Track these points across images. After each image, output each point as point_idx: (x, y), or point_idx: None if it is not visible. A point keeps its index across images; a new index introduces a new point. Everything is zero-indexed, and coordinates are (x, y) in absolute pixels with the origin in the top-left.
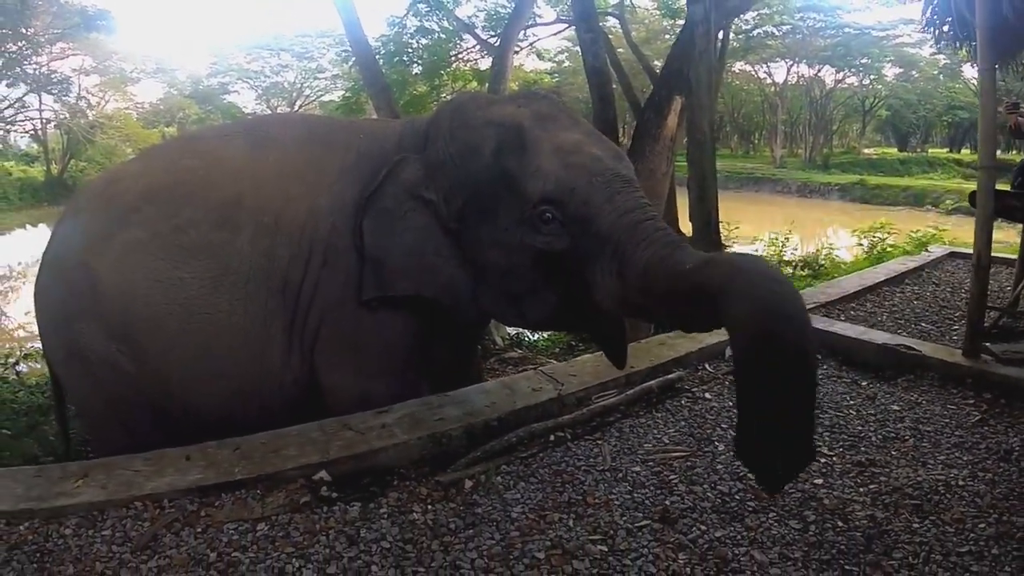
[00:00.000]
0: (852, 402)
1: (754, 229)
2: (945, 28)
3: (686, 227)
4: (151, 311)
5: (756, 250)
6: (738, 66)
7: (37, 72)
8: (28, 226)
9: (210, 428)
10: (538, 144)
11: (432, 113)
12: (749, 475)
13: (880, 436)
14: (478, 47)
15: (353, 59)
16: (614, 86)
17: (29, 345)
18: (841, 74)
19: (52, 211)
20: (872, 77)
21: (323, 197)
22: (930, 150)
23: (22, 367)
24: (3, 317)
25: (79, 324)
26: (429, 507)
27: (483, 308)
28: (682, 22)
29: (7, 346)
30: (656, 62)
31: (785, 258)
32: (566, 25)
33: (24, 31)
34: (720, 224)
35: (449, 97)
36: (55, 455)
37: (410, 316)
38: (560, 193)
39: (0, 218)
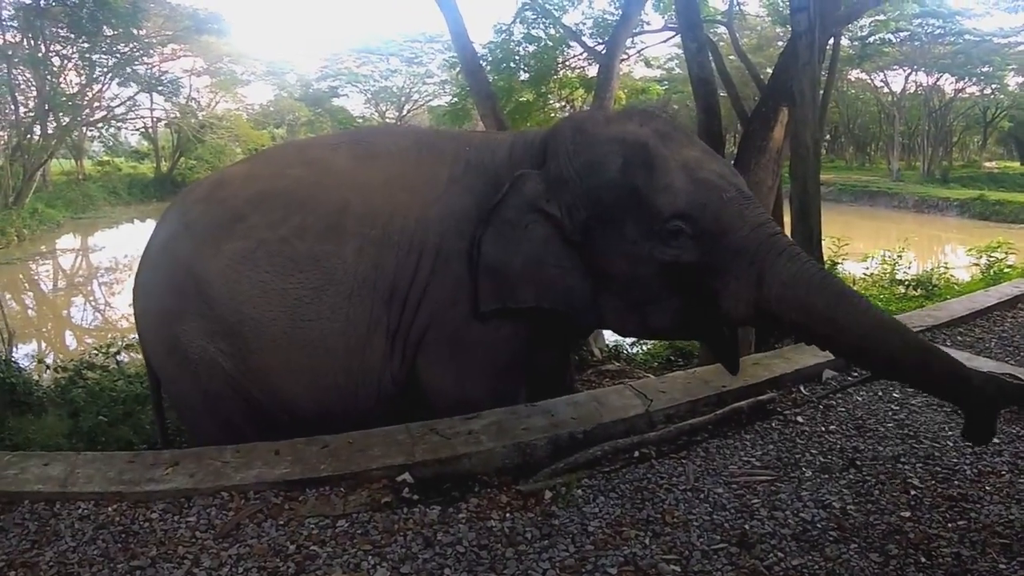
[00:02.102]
0: (950, 432)
1: (868, 246)
2: None
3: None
4: (256, 316)
5: (867, 268)
6: (853, 74)
7: (148, 72)
8: (136, 220)
9: (305, 425)
10: (665, 161)
11: (548, 129)
12: (834, 503)
13: (975, 470)
14: (585, 55)
15: (460, 65)
16: (722, 95)
17: (131, 336)
18: (961, 83)
19: (160, 207)
20: (994, 86)
21: (433, 208)
22: None
23: (123, 357)
24: (108, 307)
25: (182, 324)
26: (507, 515)
27: (602, 317)
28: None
29: (109, 336)
30: (768, 69)
31: (897, 277)
32: (674, 33)
33: (136, 32)
34: (823, 240)
35: (556, 104)
36: (149, 443)
37: (516, 324)
38: (691, 208)
39: (109, 212)
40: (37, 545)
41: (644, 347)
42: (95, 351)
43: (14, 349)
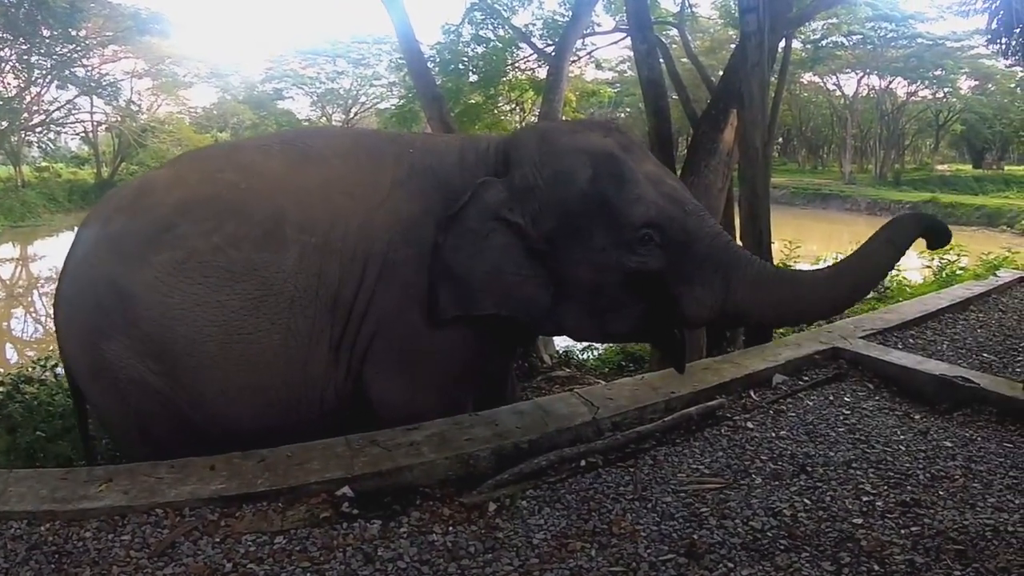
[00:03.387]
0: (902, 436)
1: (820, 248)
2: (1013, 41)
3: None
4: (189, 333)
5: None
6: (806, 77)
7: (88, 75)
8: (77, 228)
9: (242, 441)
10: (633, 173)
11: (508, 137)
12: (784, 511)
13: (928, 474)
14: (535, 56)
15: (407, 67)
16: (673, 97)
17: None
18: (913, 87)
19: None
20: (946, 90)
21: (377, 213)
22: (1007, 167)
23: (60, 370)
24: (49, 318)
25: (107, 343)
26: (450, 528)
27: (560, 324)
28: None
29: (50, 348)
30: (720, 72)
31: None
32: (625, 34)
33: (74, 33)
34: (774, 243)
35: (506, 107)
36: (89, 458)
37: (465, 331)
38: (661, 219)
39: (48, 220)
40: None
41: (595, 353)
42: (33, 364)
43: None
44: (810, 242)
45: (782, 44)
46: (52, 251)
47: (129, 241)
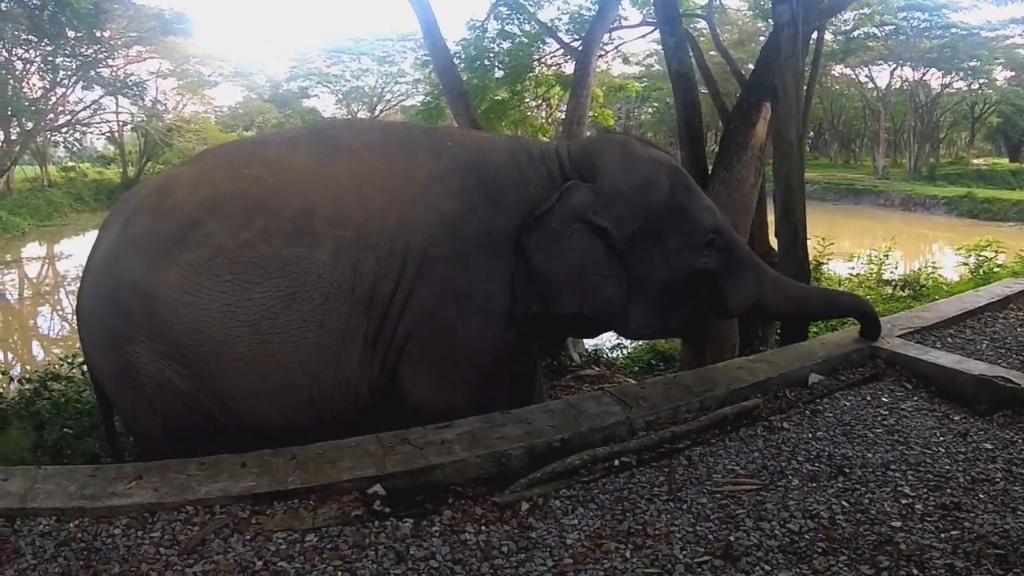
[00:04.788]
0: (942, 438)
1: (853, 245)
2: None
3: (775, 241)
4: (217, 334)
5: (853, 268)
6: (837, 69)
7: (113, 75)
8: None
9: (273, 441)
10: (696, 186)
11: (585, 144)
12: (822, 513)
13: (968, 477)
14: (561, 51)
15: (432, 64)
16: (703, 91)
17: None
18: (948, 78)
19: None
20: (981, 81)
21: (416, 208)
22: None
23: (87, 367)
24: (72, 317)
25: (132, 346)
26: (483, 528)
27: (627, 321)
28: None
29: (77, 345)
30: (749, 65)
31: (884, 277)
32: (652, 28)
33: (99, 34)
34: (808, 240)
35: (532, 103)
36: (120, 454)
37: (501, 330)
38: (720, 226)
39: (76, 219)
40: None
41: (624, 351)
42: (60, 361)
43: None
44: (843, 239)
45: (814, 35)
46: (78, 250)
47: (153, 241)
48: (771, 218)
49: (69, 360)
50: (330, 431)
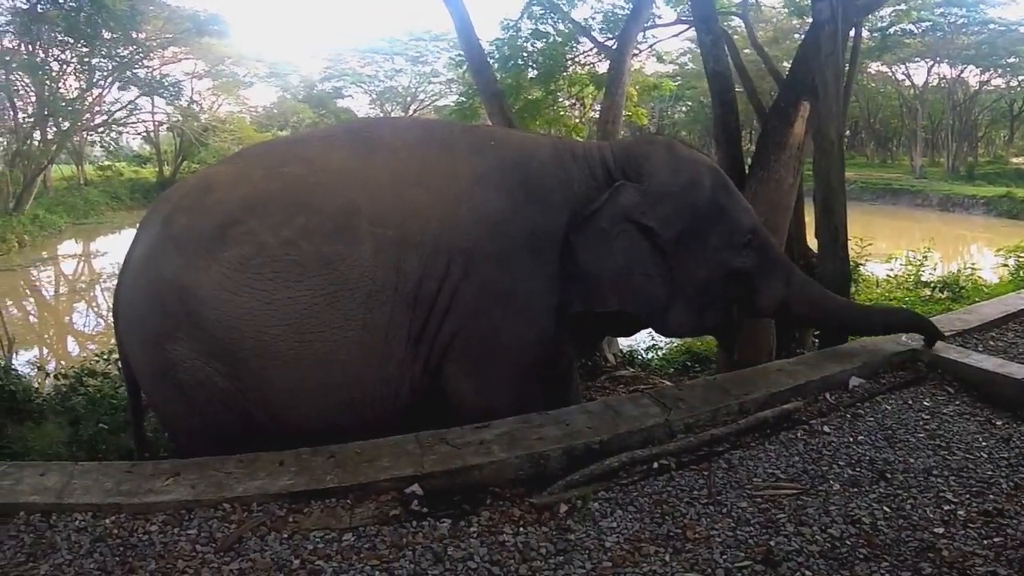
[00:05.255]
0: (984, 443)
1: (891, 246)
2: None
3: (814, 242)
4: (257, 332)
5: (891, 269)
6: (874, 67)
7: (149, 76)
8: (139, 225)
9: (313, 440)
10: (734, 187)
11: (630, 146)
12: (863, 519)
13: (1011, 483)
14: (595, 50)
15: (467, 64)
16: (738, 90)
17: None
18: (986, 75)
19: None
20: (1021, 78)
21: (460, 207)
22: None
23: (123, 364)
24: (110, 314)
25: (171, 343)
26: (520, 529)
27: (667, 319)
28: (811, 20)
29: (111, 341)
30: (785, 63)
31: (923, 279)
32: (687, 26)
33: (135, 35)
34: (849, 240)
35: (566, 102)
36: (151, 451)
37: (544, 330)
38: (757, 227)
39: (111, 217)
40: (32, 558)
41: (658, 353)
42: (96, 358)
43: (14, 356)
44: (880, 240)
45: (851, 32)
46: (113, 247)
47: (193, 240)
48: (808, 218)
49: (105, 356)
50: (371, 431)
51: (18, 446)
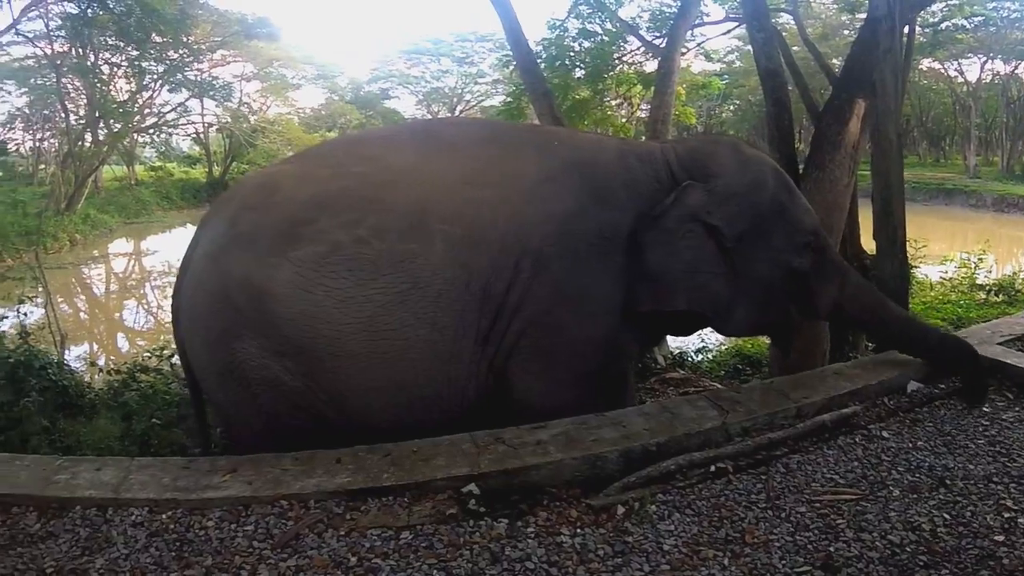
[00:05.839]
0: None
1: (944, 248)
2: None
3: (868, 243)
4: (331, 330)
5: (945, 271)
6: (925, 63)
7: (198, 78)
8: (188, 224)
9: (382, 439)
10: (795, 186)
11: (695, 146)
12: (923, 525)
13: None
14: (642, 49)
15: (514, 64)
16: (790, 88)
17: None
18: None
19: None
20: None
21: (529, 206)
22: None
23: (176, 359)
24: (161, 310)
25: (238, 342)
26: (578, 531)
27: (729, 318)
28: (862, 16)
29: (162, 338)
30: (834, 60)
31: (977, 282)
32: (736, 24)
33: (184, 39)
34: (907, 242)
35: (613, 102)
36: (199, 445)
37: (610, 329)
38: (817, 228)
39: (162, 216)
40: (88, 552)
41: (709, 355)
42: (148, 354)
43: (66, 352)
44: (934, 241)
45: (905, 28)
46: (163, 246)
47: (263, 238)
48: (863, 219)
49: (158, 353)
50: (437, 430)
51: (70, 440)
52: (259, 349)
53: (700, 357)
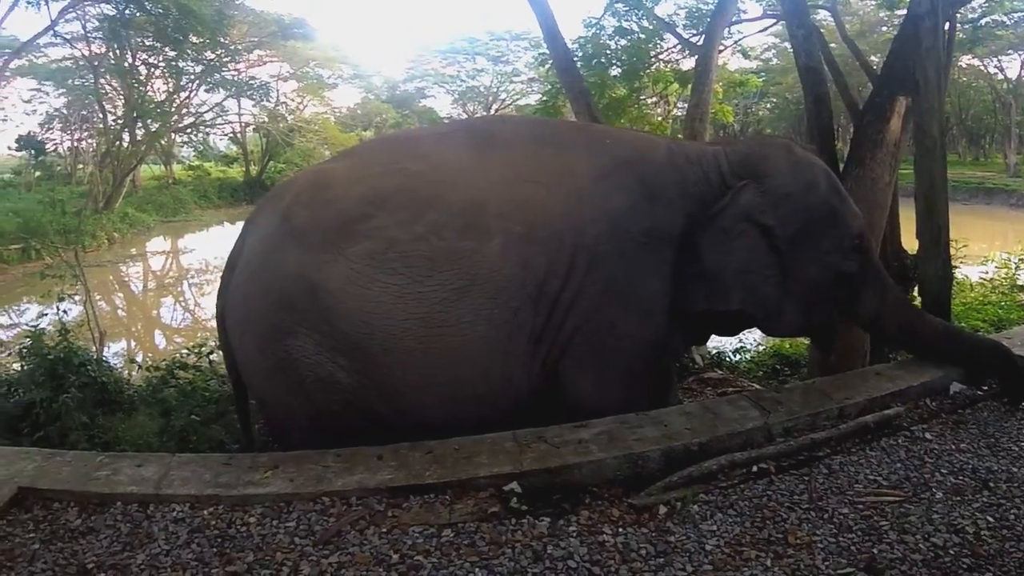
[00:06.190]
0: None
1: (984, 248)
2: None
3: (908, 243)
4: (388, 326)
5: (985, 272)
6: (964, 60)
7: (235, 78)
8: (226, 223)
9: (434, 436)
10: (843, 189)
11: (748, 148)
12: (967, 528)
13: None
14: (679, 47)
15: (550, 62)
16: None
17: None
18: None
19: (249, 210)
20: None
21: (582, 204)
22: None
23: (215, 356)
24: (198, 307)
25: (292, 338)
26: (620, 530)
27: (777, 318)
28: (900, 13)
29: (199, 335)
30: (872, 57)
31: (1019, 283)
32: (774, 21)
33: (221, 40)
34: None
35: (650, 100)
36: (240, 442)
37: (660, 328)
38: (864, 231)
39: (199, 215)
40: (129, 547)
41: (746, 355)
42: (186, 351)
43: (105, 348)
44: (974, 241)
45: (946, 25)
46: (200, 244)
47: (317, 234)
48: (902, 218)
49: (196, 350)
50: (489, 426)
51: (109, 436)
52: (313, 345)
53: (738, 357)
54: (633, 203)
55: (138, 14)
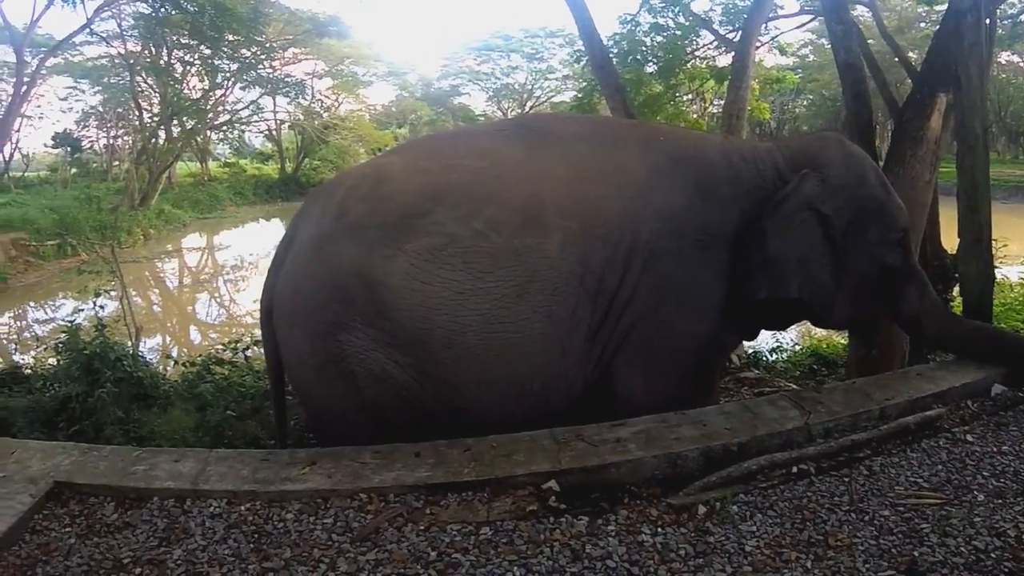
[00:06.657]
0: None
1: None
2: None
3: (948, 242)
4: (447, 323)
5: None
6: (1004, 56)
7: (271, 76)
8: (261, 220)
9: (486, 431)
10: (889, 184)
11: (802, 142)
12: (1009, 532)
13: None
14: (716, 43)
15: (585, 59)
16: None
17: (258, 332)
18: None
19: (285, 207)
20: None
21: (638, 201)
22: None
23: (250, 352)
24: (233, 303)
25: (346, 334)
26: (659, 529)
27: (829, 310)
28: (940, 9)
29: (234, 331)
30: (911, 53)
31: None
32: (811, 17)
33: (257, 38)
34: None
35: (686, 97)
36: (276, 438)
37: (713, 324)
38: (908, 226)
39: (235, 212)
40: (165, 543)
41: (783, 355)
42: (222, 347)
43: (140, 344)
44: (1013, 241)
45: (987, 21)
46: (235, 240)
47: (375, 229)
48: (942, 217)
49: (232, 346)
50: (543, 423)
51: (144, 431)
52: (369, 341)
53: (774, 357)
54: (688, 200)
55: (174, 12)
